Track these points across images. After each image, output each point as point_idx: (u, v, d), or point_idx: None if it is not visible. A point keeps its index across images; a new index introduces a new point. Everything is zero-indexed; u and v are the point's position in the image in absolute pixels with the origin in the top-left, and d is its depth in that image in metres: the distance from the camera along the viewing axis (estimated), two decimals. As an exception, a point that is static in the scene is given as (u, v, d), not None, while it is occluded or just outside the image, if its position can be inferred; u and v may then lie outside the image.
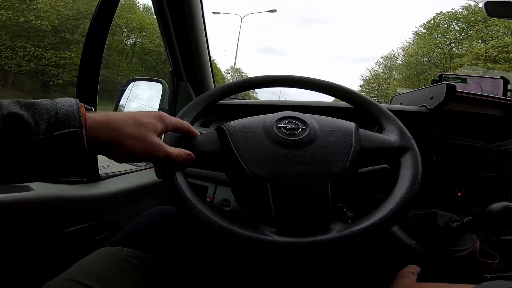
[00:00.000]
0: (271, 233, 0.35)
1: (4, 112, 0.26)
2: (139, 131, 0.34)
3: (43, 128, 0.27)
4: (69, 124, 0.28)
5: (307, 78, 0.55)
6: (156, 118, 0.37)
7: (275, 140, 0.40)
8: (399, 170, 0.40)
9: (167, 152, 0.36)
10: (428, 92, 0.69)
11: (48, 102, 0.29)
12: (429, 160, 0.64)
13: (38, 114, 0.27)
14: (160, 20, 0.72)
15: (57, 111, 0.28)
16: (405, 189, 0.37)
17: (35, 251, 0.52)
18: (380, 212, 0.36)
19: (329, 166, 0.38)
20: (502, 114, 0.67)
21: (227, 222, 0.35)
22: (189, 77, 0.83)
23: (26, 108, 0.27)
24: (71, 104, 0.29)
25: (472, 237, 0.55)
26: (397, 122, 0.46)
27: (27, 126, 0.26)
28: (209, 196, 0.76)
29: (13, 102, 0.27)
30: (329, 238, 0.34)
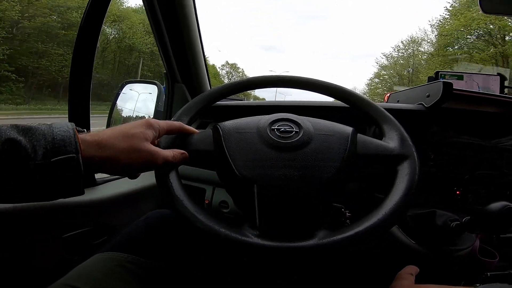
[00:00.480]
0: (253, 235, 0.34)
1: (3, 137, 0.26)
2: (131, 143, 0.34)
3: (40, 154, 0.27)
4: (65, 150, 0.29)
5: (302, 78, 0.54)
6: (145, 126, 0.36)
7: (267, 143, 0.40)
8: (395, 179, 0.39)
9: (164, 157, 0.37)
10: (424, 90, 0.68)
11: (45, 127, 0.30)
12: (427, 158, 0.64)
13: (35, 139, 0.28)
14: (152, 21, 0.71)
15: (53, 137, 0.29)
16: (397, 200, 0.36)
17: (34, 256, 0.52)
18: (367, 221, 0.35)
19: (319, 171, 0.38)
20: (500, 111, 0.67)
21: (211, 220, 0.35)
22: (184, 78, 0.82)
23: (24, 133, 0.28)
24: (67, 130, 0.30)
25: (471, 236, 0.55)
26: (399, 128, 0.44)
27: (24, 152, 0.27)
28: (207, 198, 0.76)
29: (11, 126, 0.28)
30: (310, 245, 0.33)
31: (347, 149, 0.39)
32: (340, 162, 0.38)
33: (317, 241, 0.33)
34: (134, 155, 0.34)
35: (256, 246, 0.33)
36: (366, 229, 0.34)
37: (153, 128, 0.37)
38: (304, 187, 0.37)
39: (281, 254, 0.33)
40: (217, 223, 0.35)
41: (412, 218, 0.56)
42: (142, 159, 0.34)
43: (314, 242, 0.33)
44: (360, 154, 0.41)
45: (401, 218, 0.37)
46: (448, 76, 0.77)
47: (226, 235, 0.34)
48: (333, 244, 0.33)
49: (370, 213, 0.36)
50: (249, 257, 0.35)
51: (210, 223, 0.34)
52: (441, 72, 0.78)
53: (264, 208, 0.36)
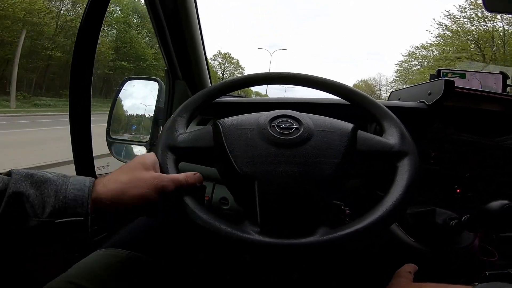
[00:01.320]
0: (254, 232, 0.34)
1: (11, 190, 0.25)
2: (133, 174, 0.33)
3: (47, 211, 0.26)
4: (75, 212, 0.27)
5: (303, 75, 0.54)
6: (137, 160, 0.36)
7: (267, 139, 0.39)
8: (395, 176, 0.38)
9: (172, 179, 0.35)
10: (426, 87, 0.67)
11: (60, 181, 0.28)
12: (428, 156, 0.63)
13: (47, 195, 0.27)
14: (153, 18, 0.70)
15: (66, 195, 0.27)
16: (397, 197, 0.36)
17: (33, 252, 0.52)
18: (367, 218, 0.35)
19: (320, 168, 0.37)
20: (502, 110, 0.66)
21: (211, 217, 0.34)
22: (185, 75, 0.82)
23: (37, 186, 0.27)
24: (82, 188, 0.28)
25: (470, 234, 0.55)
26: (399, 125, 0.44)
27: (32, 207, 0.26)
28: (207, 195, 0.75)
29: (25, 176, 0.27)
30: (311, 241, 0.33)
31: (347, 146, 0.39)
32: (340, 158, 0.38)
33: (318, 238, 0.33)
34: (138, 183, 0.32)
35: (258, 243, 0.33)
36: (367, 225, 0.34)
37: (145, 158, 0.36)
38: (305, 184, 0.36)
39: (282, 251, 0.33)
40: (217, 220, 0.34)
41: (411, 216, 0.56)
42: (148, 186, 0.32)
43: (315, 238, 0.33)
44: (361, 151, 0.40)
45: (402, 214, 0.37)
46: (450, 74, 0.77)
47: (227, 233, 0.33)
48: (334, 240, 0.33)
49: (371, 210, 0.36)
50: (250, 254, 0.34)
51: (211, 220, 0.34)
52: (443, 70, 0.77)
53: (265, 205, 0.36)
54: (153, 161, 0.37)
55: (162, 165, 0.38)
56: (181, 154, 0.41)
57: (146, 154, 0.38)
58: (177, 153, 0.40)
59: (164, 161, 0.39)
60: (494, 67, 8.79)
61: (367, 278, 0.61)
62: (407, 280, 0.42)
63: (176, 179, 0.35)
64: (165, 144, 0.40)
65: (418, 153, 0.40)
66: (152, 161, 0.37)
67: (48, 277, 0.37)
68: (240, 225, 0.35)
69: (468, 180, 0.63)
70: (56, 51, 13.15)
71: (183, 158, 0.42)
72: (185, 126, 0.45)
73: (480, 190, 0.62)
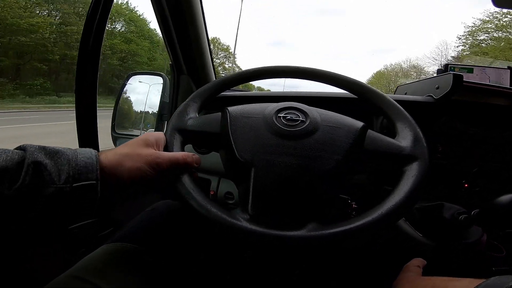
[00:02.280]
0: (242, 218, 0.34)
1: (30, 159, 0.27)
2: (132, 147, 0.35)
3: (63, 178, 0.28)
4: (87, 177, 0.29)
5: (312, 69, 0.53)
6: (140, 137, 0.37)
7: (271, 129, 0.39)
8: (400, 179, 0.37)
9: (170, 157, 0.36)
10: (434, 82, 0.66)
11: (70, 152, 0.30)
12: (435, 150, 0.62)
13: (60, 163, 0.29)
14: (158, 13, 0.70)
15: (77, 163, 0.30)
16: (395, 202, 0.34)
17: (40, 248, 0.52)
18: (360, 219, 0.33)
19: (320, 162, 0.36)
20: (510, 104, 0.65)
21: (205, 200, 0.34)
22: (190, 70, 0.81)
23: (51, 157, 0.29)
24: (90, 156, 0.31)
25: (478, 230, 0.54)
26: (415, 128, 0.42)
27: (49, 175, 0.28)
28: (213, 189, 0.75)
29: (38, 148, 0.29)
30: (296, 235, 0.32)
31: (353, 144, 0.38)
32: (342, 155, 0.37)
33: (304, 233, 0.32)
34: (135, 157, 0.34)
35: (243, 230, 0.32)
36: (358, 227, 0.33)
37: (148, 136, 0.37)
38: (302, 177, 0.36)
39: (267, 241, 0.32)
40: (210, 203, 0.34)
41: (419, 210, 0.55)
42: (144, 160, 0.34)
43: (301, 233, 0.32)
44: (368, 150, 0.39)
45: (399, 219, 0.36)
46: (458, 69, 0.75)
47: (216, 215, 0.33)
48: (321, 237, 0.32)
49: (366, 212, 0.35)
50: (235, 240, 0.34)
51: (203, 203, 0.34)
52: (451, 65, 0.75)
53: (258, 193, 0.36)
54: (157, 138, 0.38)
55: (169, 144, 0.39)
56: (188, 137, 0.42)
57: (152, 132, 0.39)
58: (184, 135, 0.41)
59: (171, 141, 0.40)
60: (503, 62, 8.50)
61: (374, 273, 0.61)
62: (416, 274, 0.42)
63: (174, 157, 0.36)
64: (174, 126, 0.41)
65: (429, 158, 0.39)
66: (155, 138, 0.38)
67: (48, 276, 0.37)
68: (231, 211, 0.35)
69: (476, 175, 0.62)
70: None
71: (190, 140, 0.43)
72: (197, 111, 0.45)
73: (488, 185, 0.61)
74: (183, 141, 0.41)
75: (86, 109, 0.59)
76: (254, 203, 0.35)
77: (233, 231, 0.33)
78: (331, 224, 0.33)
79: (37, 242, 0.49)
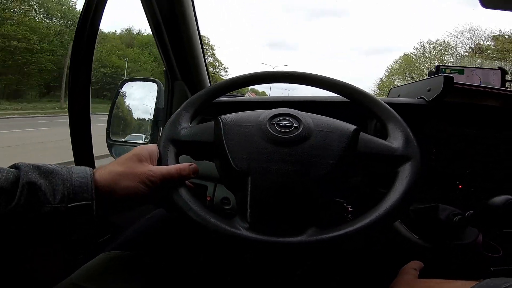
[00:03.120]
0: (242, 227, 0.34)
1: (24, 180, 0.27)
2: (127, 165, 0.34)
3: (58, 198, 0.28)
4: (82, 197, 0.29)
5: (303, 73, 0.53)
6: (133, 151, 0.37)
7: (265, 136, 0.39)
8: (394, 181, 0.37)
9: (163, 173, 0.35)
10: (425, 84, 0.67)
11: (65, 171, 0.30)
12: (429, 152, 0.62)
13: (55, 184, 0.29)
14: (151, 18, 0.69)
15: (72, 183, 0.30)
16: (392, 203, 0.35)
17: (39, 255, 0.51)
18: (358, 222, 0.34)
19: (315, 168, 0.37)
20: (501, 105, 0.65)
21: (203, 211, 0.34)
22: (184, 76, 0.81)
23: (45, 176, 0.29)
24: (85, 176, 0.31)
25: (474, 230, 0.54)
26: (405, 128, 0.42)
27: (44, 195, 0.28)
28: (209, 195, 0.74)
29: (32, 168, 0.29)
30: (297, 241, 0.32)
31: (346, 147, 0.38)
32: (337, 159, 0.37)
33: (305, 238, 0.33)
34: (130, 176, 0.33)
35: (244, 238, 0.32)
36: (356, 229, 0.33)
37: (142, 150, 0.37)
38: (298, 183, 0.36)
39: (268, 248, 0.32)
40: (209, 213, 0.34)
41: (414, 212, 0.55)
42: (138, 179, 0.34)
43: (302, 239, 0.33)
44: (361, 153, 0.40)
45: (395, 220, 0.37)
46: (449, 70, 0.76)
47: (216, 225, 0.33)
48: (321, 242, 0.32)
49: (363, 214, 0.35)
50: (236, 248, 0.34)
51: (202, 213, 0.34)
52: (442, 66, 0.76)
53: (256, 201, 0.36)
54: (150, 152, 0.38)
55: (163, 157, 0.39)
56: (182, 147, 0.41)
57: (145, 146, 0.39)
58: (178, 146, 0.41)
59: (165, 154, 0.39)
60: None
61: (371, 275, 0.60)
62: (413, 276, 0.42)
63: (167, 173, 0.36)
64: (167, 137, 0.41)
65: (422, 158, 0.39)
66: (149, 152, 0.37)
67: (48, 278, 0.38)
68: (230, 220, 0.35)
69: (470, 176, 0.62)
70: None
71: (184, 151, 0.42)
72: (189, 120, 0.45)
73: (482, 185, 0.62)
74: (177, 152, 0.41)
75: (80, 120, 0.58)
76: (253, 211, 0.35)
77: (234, 240, 0.33)
78: (329, 228, 0.34)
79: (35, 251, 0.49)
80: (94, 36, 0.54)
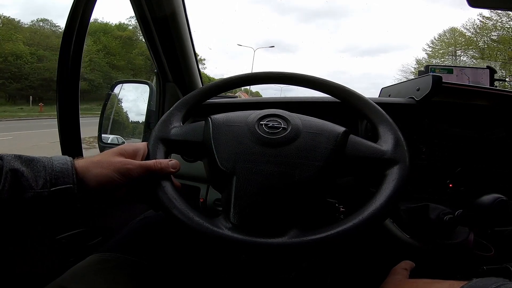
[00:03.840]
0: (225, 227, 0.34)
1: (7, 167, 0.28)
2: (103, 155, 0.35)
3: (40, 183, 0.29)
4: (64, 181, 0.30)
5: (294, 74, 0.53)
6: (118, 147, 0.37)
7: (253, 137, 0.39)
8: (381, 184, 0.37)
9: (141, 164, 0.35)
10: (415, 83, 0.67)
11: (45, 159, 0.31)
12: (419, 151, 0.62)
13: (37, 170, 0.30)
14: (141, 20, 0.69)
15: (53, 168, 0.30)
16: (376, 206, 0.34)
17: (28, 258, 0.50)
18: (341, 225, 0.33)
19: (300, 170, 0.36)
20: (490, 104, 0.65)
21: (188, 208, 0.34)
22: (175, 77, 0.80)
23: (27, 164, 0.29)
24: (65, 162, 0.32)
25: (465, 229, 0.53)
26: (395, 131, 0.42)
27: (27, 181, 0.28)
28: (202, 196, 0.74)
29: (14, 157, 0.29)
30: (277, 242, 0.32)
31: (333, 149, 0.38)
32: (323, 161, 0.37)
33: (286, 240, 0.32)
34: (104, 164, 0.34)
35: (225, 238, 0.32)
36: (338, 233, 0.32)
37: (126, 147, 0.37)
38: (282, 184, 0.36)
39: (249, 249, 0.32)
40: (192, 211, 0.34)
41: (405, 212, 0.55)
42: (111, 168, 0.34)
43: (283, 240, 0.32)
44: (349, 155, 0.39)
45: (380, 222, 0.36)
46: (439, 70, 0.76)
47: (198, 223, 0.33)
48: (303, 244, 0.32)
49: (348, 217, 0.34)
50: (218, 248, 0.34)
51: (185, 211, 0.33)
52: (431, 66, 0.76)
53: (239, 201, 0.35)
54: (135, 149, 0.38)
55: (151, 154, 0.39)
56: (172, 146, 0.41)
57: (133, 143, 0.39)
58: (168, 145, 0.41)
59: (154, 151, 0.39)
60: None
61: (363, 275, 0.60)
62: (402, 277, 0.41)
63: (145, 164, 0.36)
64: (157, 135, 0.41)
65: (410, 162, 0.39)
66: (134, 149, 0.37)
67: (42, 282, 0.37)
68: (214, 219, 0.35)
69: (460, 175, 0.62)
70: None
71: (174, 150, 0.42)
72: (181, 120, 0.45)
73: (472, 184, 0.61)
74: (167, 151, 0.40)
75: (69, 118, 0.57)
76: (236, 211, 0.35)
77: (214, 239, 0.32)
78: (312, 231, 0.33)
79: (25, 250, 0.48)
80: (84, 30, 0.54)
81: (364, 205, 0.35)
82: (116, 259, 0.43)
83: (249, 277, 0.60)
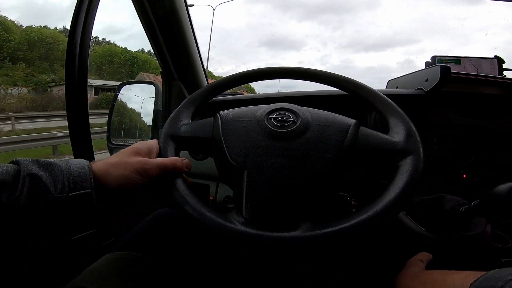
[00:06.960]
0: (237, 222, 0.33)
1: (25, 172, 0.27)
2: (120, 156, 0.34)
3: (59, 188, 0.28)
4: (82, 186, 0.29)
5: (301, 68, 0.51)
6: (132, 146, 0.36)
7: (263, 131, 0.38)
8: (394, 175, 0.35)
9: (158, 163, 0.35)
10: (423, 75, 0.64)
11: (63, 163, 0.30)
12: (431, 142, 0.60)
13: (54, 175, 0.29)
14: (144, 20, 0.67)
15: (71, 173, 0.30)
16: (391, 198, 0.32)
17: (44, 260, 0.50)
18: (355, 217, 0.32)
19: (311, 162, 0.35)
20: (500, 93, 0.63)
21: (200, 204, 0.33)
22: (181, 76, 0.78)
23: (44, 168, 0.29)
24: (83, 166, 0.31)
25: (482, 220, 0.51)
26: (407, 122, 0.40)
27: (45, 186, 0.28)
28: (212, 194, 0.72)
29: (31, 161, 0.29)
30: (291, 236, 0.31)
31: (344, 141, 0.36)
32: (334, 153, 0.36)
33: (299, 233, 0.31)
34: (123, 165, 0.33)
35: (238, 233, 0.31)
36: (352, 225, 0.31)
37: (141, 145, 0.37)
38: (293, 177, 0.35)
39: (261, 243, 0.31)
40: (204, 207, 0.33)
41: (420, 204, 0.52)
42: (131, 168, 0.33)
43: (296, 234, 0.31)
44: (361, 147, 0.37)
45: (395, 215, 0.34)
46: (446, 61, 0.73)
47: (211, 219, 0.32)
48: (316, 237, 0.31)
49: (361, 209, 0.33)
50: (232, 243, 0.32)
51: (198, 207, 0.32)
52: (438, 57, 0.73)
53: (251, 196, 0.34)
54: (149, 147, 0.37)
55: (162, 152, 0.38)
56: (182, 143, 0.41)
57: (145, 141, 0.38)
58: (178, 142, 0.40)
59: (165, 148, 0.38)
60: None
61: (379, 268, 0.57)
62: (419, 269, 0.40)
63: (162, 163, 0.35)
64: (167, 133, 0.40)
65: (423, 152, 0.36)
66: (148, 147, 0.37)
67: (59, 283, 0.37)
68: (226, 214, 0.34)
69: (473, 165, 0.59)
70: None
71: (184, 147, 0.41)
72: (190, 117, 0.44)
73: (486, 174, 0.59)
74: (177, 147, 0.40)
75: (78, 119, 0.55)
76: (248, 205, 0.34)
77: (227, 234, 0.31)
78: (325, 224, 0.32)
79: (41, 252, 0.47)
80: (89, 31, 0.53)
81: (378, 197, 0.33)
82: (129, 257, 0.43)
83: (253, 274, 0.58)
